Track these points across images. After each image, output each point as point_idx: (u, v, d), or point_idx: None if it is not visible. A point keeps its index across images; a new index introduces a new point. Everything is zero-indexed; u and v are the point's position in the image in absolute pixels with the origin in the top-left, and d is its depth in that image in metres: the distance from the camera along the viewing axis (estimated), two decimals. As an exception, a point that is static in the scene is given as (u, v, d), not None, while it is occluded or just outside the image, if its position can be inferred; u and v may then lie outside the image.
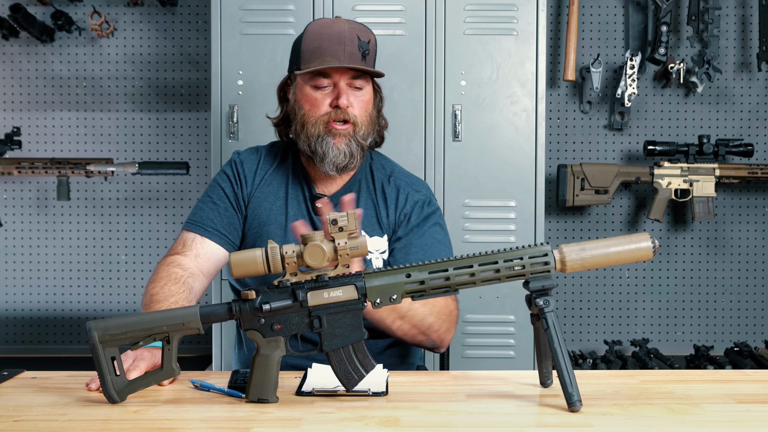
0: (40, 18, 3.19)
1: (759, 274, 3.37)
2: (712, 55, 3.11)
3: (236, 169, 1.79)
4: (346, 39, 1.66)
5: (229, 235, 1.73)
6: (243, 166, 1.79)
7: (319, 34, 1.68)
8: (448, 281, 1.26)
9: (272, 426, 1.16)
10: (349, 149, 1.69)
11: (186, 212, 3.32)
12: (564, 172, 3.08)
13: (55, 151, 3.30)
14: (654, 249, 1.27)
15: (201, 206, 1.75)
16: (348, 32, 1.67)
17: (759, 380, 1.44)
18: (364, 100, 1.71)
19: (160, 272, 1.61)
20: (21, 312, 3.33)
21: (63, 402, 1.28)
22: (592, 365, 3.06)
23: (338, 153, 1.68)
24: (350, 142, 1.69)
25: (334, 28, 1.68)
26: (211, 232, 1.71)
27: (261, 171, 1.79)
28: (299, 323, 1.28)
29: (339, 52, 1.66)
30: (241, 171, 1.78)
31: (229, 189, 1.77)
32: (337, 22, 1.70)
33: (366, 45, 1.68)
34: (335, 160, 1.69)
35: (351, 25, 1.69)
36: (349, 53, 1.66)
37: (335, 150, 1.68)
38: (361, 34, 1.69)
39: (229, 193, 1.76)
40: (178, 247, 1.71)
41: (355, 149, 1.70)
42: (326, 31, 1.68)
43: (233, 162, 1.80)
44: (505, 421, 1.20)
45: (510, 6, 2.61)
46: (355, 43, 1.67)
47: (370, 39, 1.70)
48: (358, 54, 1.67)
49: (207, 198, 1.77)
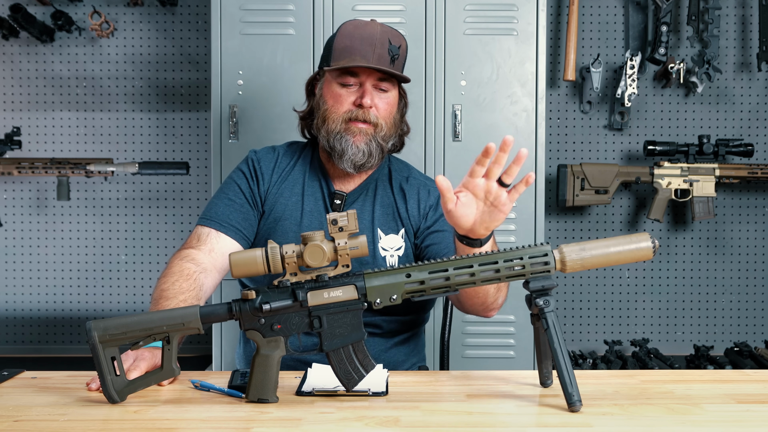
0: (40, 18, 3.19)
1: (759, 274, 3.37)
2: (712, 55, 3.11)
3: (252, 167, 1.80)
4: (377, 41, 1.69)
5: (244, 230, 1.73)
6: (260, 164, 1.80)
7: (352, 34, 1.71)
8: (448, 281, 1.26)
9: (272, 426, 1.16)
10: (368, 148, 1.71)
11: (186, 212, 3.32)
12: (564, 172, 3.08)
13: (55, 151, 3.30)
14: (654, 249, 1.27)
15: (216, 202, 1.76)
16: (380, 35, 1.70)
17: (759, 380, 1.44)
18: (388, 103, 1.73)
19: (173, 266, 1.60)
20: (21, 312, 3.33)
21: (63, 402, 1.28)
22: (592, 365, 3.06)
23: (357, 151, 1.70)
24: (370, 141, 1.71)
25: (367, 29, 1.71)
26: (226, 227, 1.71)
27: (278, 168, 1.80)
28: (299, 323, 1.28)
29: (368, 53, 1.68)
30: (258, 168, 1.79)
31: (245, 186, 1.77)
32: (371, 25, 1.73)
33: (396, 49, 1.71)
34: (353, 158, 1.70)
35: (384, 29, 1.72)
36: (378, 55, 1.68)
37: (354, 148, 1.70)
38: (393, 38, 1.72)
39: (245, 189, 1.77)
40: (193, 241, 1.70)
41: (375, 149, 1.71)
42: (359, 32, 1.71)
43: (250, 159, 1.81)
44: (505, 421, 1.20)
45: (510, 6, 2.61)
46: (385, 46, 1.69)
47: (401, 44, 1.73)
48: (387, 57, 1.69)
49: (222, 194, 1.77)
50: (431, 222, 1.77)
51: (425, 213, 1.78)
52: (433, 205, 1.78)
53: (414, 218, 1.77)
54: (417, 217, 1.77)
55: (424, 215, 1.78)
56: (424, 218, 1.78)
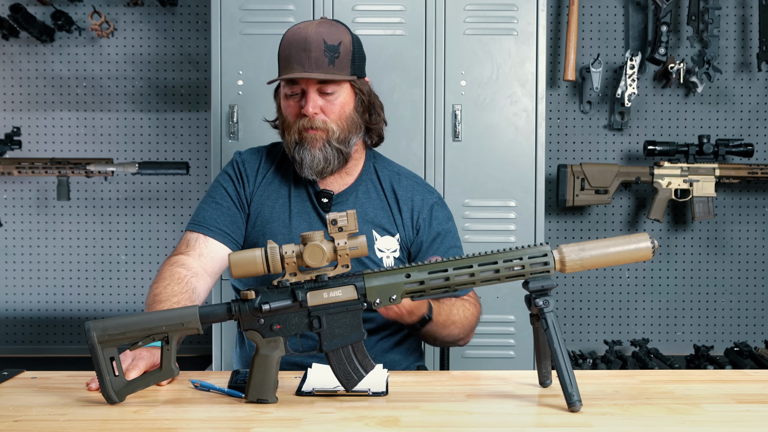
0: (40, 18, 3.19)
1: (759, 274, 3.36)
2: (712, 55, 3.11)
3: (238, 169, 1.79)
4: (311, 45, 1.64)
5: (232, 234, 1.73)
6: (245, 166, 1.79)
7: (289, 41, 1.68)
8: (447, 281, 1.26)
9: (272, 426, 1.16)
10: (323, 154, 1.69)
11: (186, 212, 3.32)
12: (564, 172, 3.08)
13: (55, 151, 3.30)
14: (653, 249, 1.27)
15: (203, 206, 1.75)
16: (314, 37, 1.65)
17: (759, 380, 1.44)
18: (337, 104, 1.69)
19: (163, 272, 1.61)
20: (21, 312, 3.33)
21: (63, 402, 1.28)
22: (592, 365, 3.06)
23: (313, 159, 1.69)
24: (324, 147, 1.68)
25: (300, 33, 1.67)
26: (214, 231, 1.71)
27: (263, 170, 1.80)
28: (299, 323, 1.28)
29: (304, 59, 1.65)
30: (243, 170, 1.79)
31: (231, 188, 1.77)
32: (306, 28, 1.68)
33: (335, 48, 1.66)
34: (311, 165, 1.69)
35: (319, 29, 1.67)
36: (314, 60, 1.64)
37: (310, 156, 1.69)
38: (329, 37, 1.66)
39: (231, 192, 1.76)
40: (182, 247, 1.71)
41: (331, 154, 1.69)
42: (294, 38, 1.67)
43: (235, 162, 1.81)
44: (505, 421, 1.20)
45: (510, 6, 2.61)
46: (320, 48, 1.65)
47: (341, 41, 1.67)
48: (325, 59, 1.65)
49: (209, 198, 1.77)
50: (423, 239, 1.77)
51: (417, 227, 1.77)
52: (426, 219, 1.77)
53: (407, 227, 1.77)
54: (410, 228, 1.77)
55: (416, 228, 1.77)
56: (416, 231, 1.77)
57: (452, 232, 1.81)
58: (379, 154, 1.87)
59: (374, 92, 1.78)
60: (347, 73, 1.68)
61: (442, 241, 1.77)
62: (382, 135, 1.82)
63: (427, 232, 1.77)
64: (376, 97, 1.78)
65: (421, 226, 1.77)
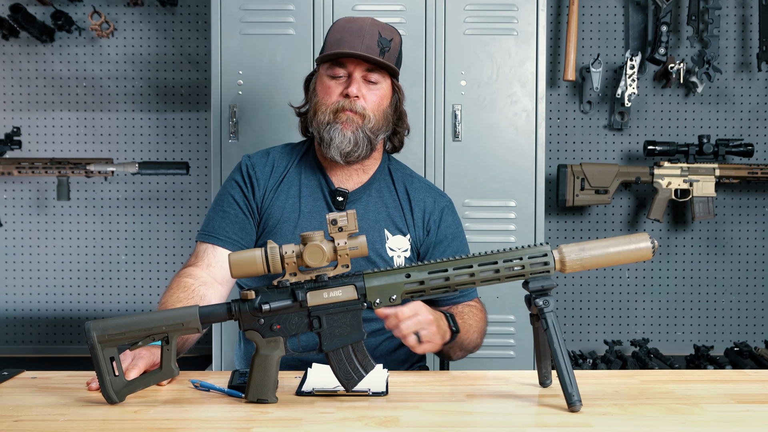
0: (40, 18, 3.19)
1: (759, 274, 3.36)
2: (712, 55, 3.11)
3: (246, 173, 1.78)
4: (366, 33, 1.69)
5: (241, 240, 1.73)
6: (254, 169, 1.79)
7: (343, 28, 1.73)
8: (447, 281, 1.26)
9: (272, 426, 1.16)
10: (354, 137, 1.70)
11: (186, 212, 3.32)
12: (564, 172, 3.08)
13: (55, 151, 3.30)
14: (653, 249, 1.27)
15: (212, 215, 1.76)
16: (369, 27, 1.71)
17: (759, 380, 1.44)
18: (378, 95, 1.73)
19: (171, 284, 1.63)
20: (21, 312, 3.33)
21: (63, 402, 1.28)
22: (592, 365, 3.06)
23: (344, 139, 1.69)
24: (357, 130, 1.70)
25: (357, 22, 1.73)
26: (223, 240, 1.71)
27: (275, 173, 1.79)
28: (299, 323, 1.28)
29: (356, 44, 1.69)
30: (252, 174, 1.78)
31: (239, 194, 1.76)
32: (362, 19, 1.75)
33: (387, 42, 1.71)
34: (340, 145, 1.70)
35: (375, 22, 1.73)
36: (366, 46, 1.69)
37: (341, 136, 1.70)
38: (384, 31, 1.73)
39: (239, 199, 1.76)
40: (192, 259, 1.72)
41: (361, 139, 1.71)
42: (349, 25, 1.72)
43: (243, 165, 1.80)
44: (505, 421, 1.20)
45: (510, 6, 2.61)
46: (374, 38, 1.70)
47: (393, 38, 1.74)
48: (376, 48, 1.69)
49: (217, 207, 1.77)
50: (432, 241, 1.78)
51: (428, 228, 1.78)
52: (436, 221, 1.79)
53: (419, 228, 1.78)
54: (421, 228, 1.78)
55: (427, 230, 1.78)
56: (426, 233, 1.78)
57: (460, 237, 1.82)
58: (393, 157, 1.89)
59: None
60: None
61: (449, 245, 1.78)
62: (403, 142, 1.85)
63: (435, 235, 1.78)
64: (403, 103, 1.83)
65: (431, 227, 1.78)
